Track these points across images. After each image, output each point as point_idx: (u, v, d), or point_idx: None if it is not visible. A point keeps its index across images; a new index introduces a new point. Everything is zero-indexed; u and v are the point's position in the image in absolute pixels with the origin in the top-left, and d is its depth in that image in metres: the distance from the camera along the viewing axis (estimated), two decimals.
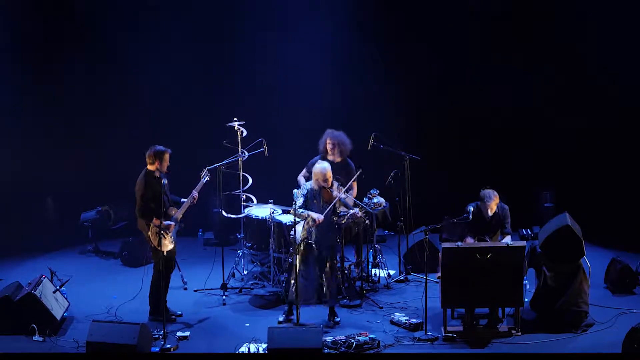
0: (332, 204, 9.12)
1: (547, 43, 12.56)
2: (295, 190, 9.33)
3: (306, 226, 9.21)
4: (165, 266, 9.26)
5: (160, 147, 9.29)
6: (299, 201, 9.19)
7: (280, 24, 12.72)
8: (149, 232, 9.15)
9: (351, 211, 9.52)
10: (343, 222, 9.55)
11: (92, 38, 12.71)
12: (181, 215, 9.40)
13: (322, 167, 9.21)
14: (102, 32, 12.64)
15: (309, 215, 9.12)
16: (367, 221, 10.19)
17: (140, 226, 9.32)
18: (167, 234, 9.21)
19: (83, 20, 12.70)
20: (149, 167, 9.27)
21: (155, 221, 9.02)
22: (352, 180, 9.80)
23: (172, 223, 9.28)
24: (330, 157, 10.44)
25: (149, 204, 9.10)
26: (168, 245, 9.25)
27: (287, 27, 12.68)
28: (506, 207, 9.71)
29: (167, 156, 9.28)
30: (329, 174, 9.17)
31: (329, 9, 12.63)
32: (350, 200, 9.60)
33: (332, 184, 9.23)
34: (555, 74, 12.53)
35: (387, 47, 12.84)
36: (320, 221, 9.06)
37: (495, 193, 9.53)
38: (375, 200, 10.31)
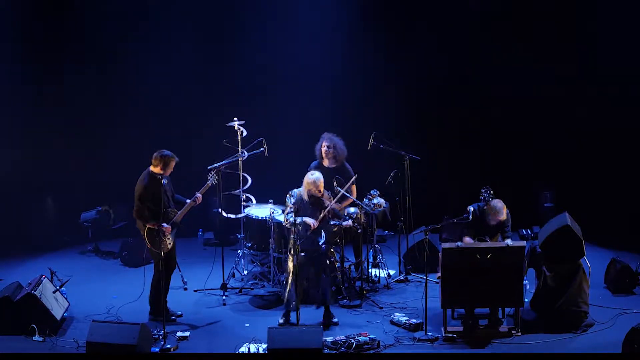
0: (323, 214, 9.03)
1: (547, 43, 12.56)
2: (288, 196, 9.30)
3: (292, 234, 9.14)
4: (165, 266, 9.25)
5: (169, 153, 9.24)
6: (291, 212, 9.15)
7: (280, 23, 12.72)
8: (144, 233, 9.15)
9: (344, 223, 9.51)
10: (335, 229, 9.52)
11: (92, 38, 12.72)
12: (181, 217, 9.38)
13: (314, 177, 9.12)
14: (102, 32, 12.65)
15: (303, 222, 9.07)
16: (359, 230, 10.11)
17: (138, 226, 9.31)
18: (164, 237, 9.18)
19: (83, 21, 12.71)
20: (153, 168, 9.23)
21: (152, 225, 9.03)
22: (346, 186, 9.72)
23: (169, 227, 9.25)
24: (325, 163, 10.40)
25: (147, 205, 9.09)
26: (165, 246, 9.23)
27: (287, 27, 12.68)
28: (507, 210, 9.68)
29: (172, 163, 9.24)
30: (321, 185, 9.11)
31: (329, 9, 12.64)
32: (342, 210, 9.53)
33: (323, 194, 9.18)
34: (555, 73, 12.52)
35: (387, 47, 12.85)
36: (315, 227, 9.03)
37: (504, 208, 9.48)
38: (375, 201, 10.28)
